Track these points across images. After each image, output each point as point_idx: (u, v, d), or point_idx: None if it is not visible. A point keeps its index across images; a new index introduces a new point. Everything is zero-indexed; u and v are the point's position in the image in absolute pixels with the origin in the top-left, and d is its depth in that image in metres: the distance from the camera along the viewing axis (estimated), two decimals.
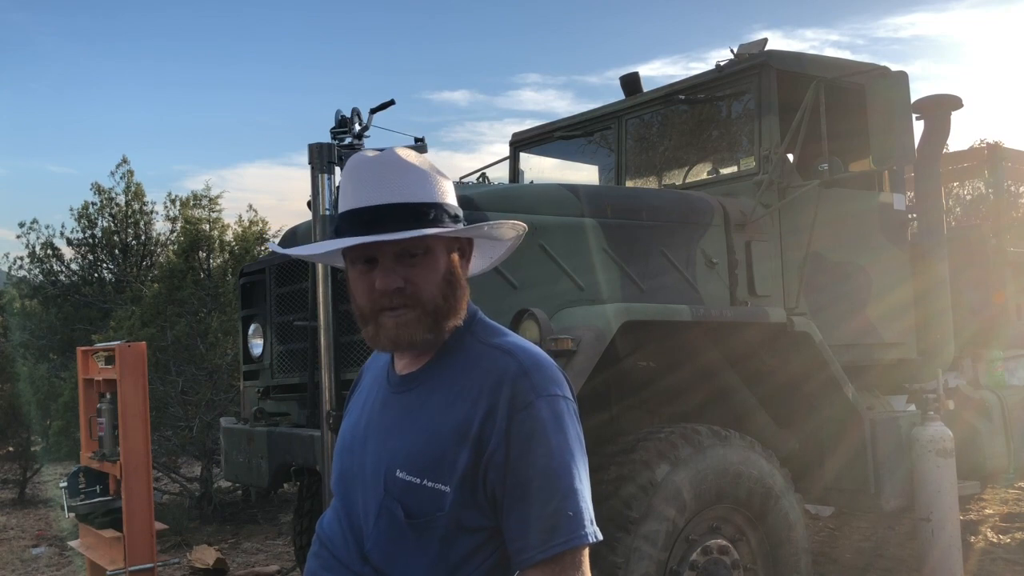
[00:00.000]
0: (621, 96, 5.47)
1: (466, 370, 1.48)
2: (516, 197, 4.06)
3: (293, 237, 4.44)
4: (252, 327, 4.67)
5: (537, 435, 1.40)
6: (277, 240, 6.83)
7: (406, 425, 1.49)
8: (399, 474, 1.45)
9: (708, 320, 3.90)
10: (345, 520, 1.54)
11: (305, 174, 3.76)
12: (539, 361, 1.48)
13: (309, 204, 3.77)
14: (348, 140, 3.86)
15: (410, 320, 1.46)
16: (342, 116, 3.88)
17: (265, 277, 4.49)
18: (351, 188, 1.47)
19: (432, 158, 1.58)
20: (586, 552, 1.42)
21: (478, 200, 3.75)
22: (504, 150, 6.20)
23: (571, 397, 1.49)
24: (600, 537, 1.43)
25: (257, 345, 4.62)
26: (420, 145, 3.88)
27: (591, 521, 1.42)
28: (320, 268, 3.76)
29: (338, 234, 1.47)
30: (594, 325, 3.52)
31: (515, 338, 1.54)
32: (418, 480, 1.43)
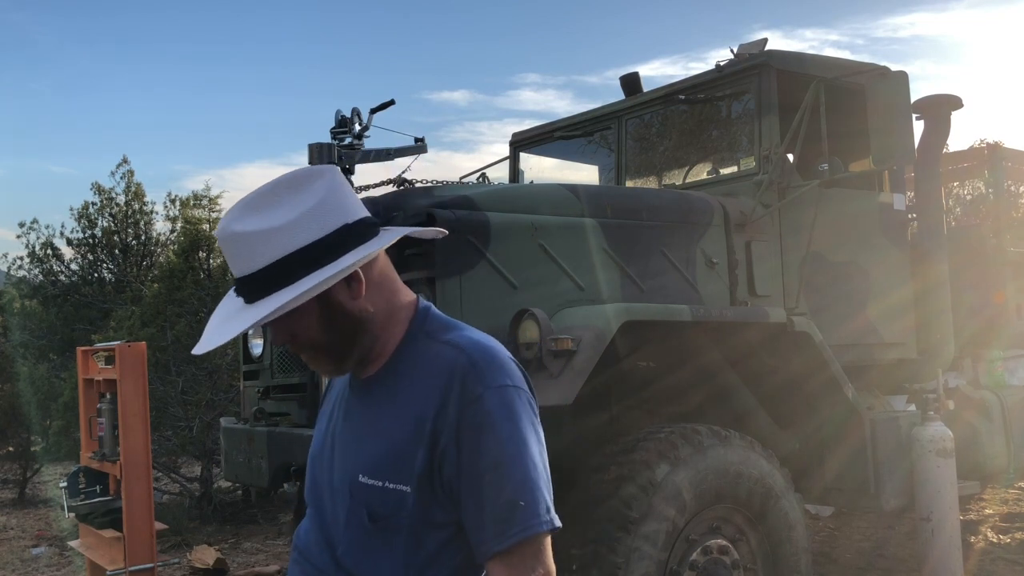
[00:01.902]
0: (621, 96, 5.46)
1: (420, 369, 1.48)
2: (516, 197, 4.06)
3: None
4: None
5: (486, 427, 1.39)
6: None
7: (366, 430, 1.51)
8: (362, 479, 1.46)
9: (708, 320, 3.90)
10: (318, 529, 1.56)
11: None
12: (489, 354, 1.46)
13: None
14: (348, 140, 3.86)
15: (314, 360, 1.51)
16: (342, 116, 3.88)
17: None
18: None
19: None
20: (547, 540, 1.41)
21: (478, 200, 3.75)
22: (504, 150, 6.20)
23: (524, 387, 1.47)
24: (559, 524, 1.41)
25: (257, 345, 4.62)
26: (420, 145, 3.88)
27: (547, 509, 1.40)
28: None
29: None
30: (594, 325, 3.52)
31: (469, 331, 1.52)
32: (380, 483, 1.44)
